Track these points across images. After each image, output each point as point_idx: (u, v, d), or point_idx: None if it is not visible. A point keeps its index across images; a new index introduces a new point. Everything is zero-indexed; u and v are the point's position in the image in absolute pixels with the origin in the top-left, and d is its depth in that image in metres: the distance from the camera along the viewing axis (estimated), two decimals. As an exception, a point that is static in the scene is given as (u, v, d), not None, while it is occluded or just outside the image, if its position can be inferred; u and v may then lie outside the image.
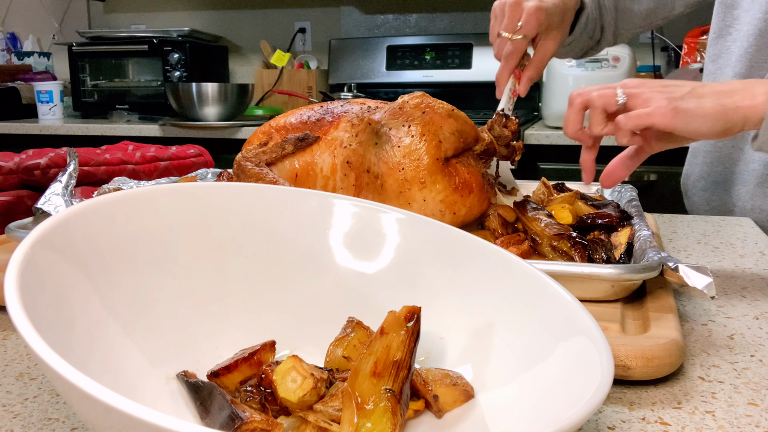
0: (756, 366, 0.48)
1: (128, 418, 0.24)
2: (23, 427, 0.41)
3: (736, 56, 0.99)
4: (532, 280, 0.42)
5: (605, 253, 0.60)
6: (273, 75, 2.69)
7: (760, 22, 0.95)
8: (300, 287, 0.47)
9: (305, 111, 0.72)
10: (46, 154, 0.87)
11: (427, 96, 0.70)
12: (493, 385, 0.39)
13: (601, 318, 0.52)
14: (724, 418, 0.41)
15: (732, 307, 0.60)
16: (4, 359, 0.50)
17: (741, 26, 0.99)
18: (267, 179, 0.67)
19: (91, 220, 0.39)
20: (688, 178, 1.14)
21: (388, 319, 0.37)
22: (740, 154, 1.03)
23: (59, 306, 0.34)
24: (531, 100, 2.52)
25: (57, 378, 0.25)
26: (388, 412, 0.34)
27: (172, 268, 0.42)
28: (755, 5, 0.97)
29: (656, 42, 2.48)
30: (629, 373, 0.45)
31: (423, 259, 0.47)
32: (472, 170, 0.68)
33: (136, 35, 2.68)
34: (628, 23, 1.05)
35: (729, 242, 0.83)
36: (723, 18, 1.01)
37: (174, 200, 0.44)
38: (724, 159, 1.05)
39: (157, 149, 1.02)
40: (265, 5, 2.93)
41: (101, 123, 2.52)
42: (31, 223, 0.68)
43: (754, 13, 0.96)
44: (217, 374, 0.39)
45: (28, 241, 0.33)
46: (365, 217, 0.49)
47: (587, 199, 0.73)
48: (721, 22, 1.01)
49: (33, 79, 2.84)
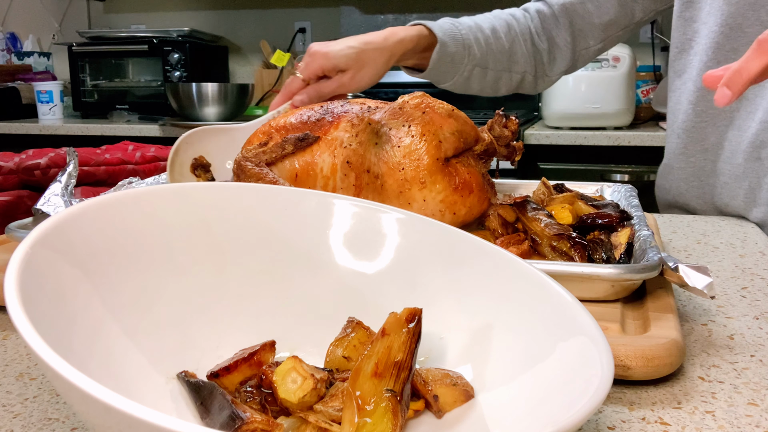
0: (756, 366, 0.48)
1: (128, 418, 0.24)
2: (23, 427, 0.41)
3: (697, 70, 0.98)
4: (532, 280, 0.42)
5: (605, 253, 0.60)
6: (273, 75, 2.69)
7: (717, 36, 0.94)
8: (300, 287, 0.47)
9: (305, 111, 0.72)
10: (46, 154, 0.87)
11: (427, 96, 0.70)
12: (493, 385, 0.39)
13: (601, 318, 0.52)
14: (724, 418, 0.41)
15: (732, 307, 0.60)
16: (4, 359, 0.50)
17: (700, 39, 0.98)
18: (267, 179, 0.67)
19: (91, 220, 0.39)
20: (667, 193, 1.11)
21: (389, 320, 0.37)
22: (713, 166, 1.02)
23: (59, 306, 0.34)
24: (531, 100, 2.52)
25: (57, 378, 0.25)
26: (389, 413, 0.34)
27: (172, 268, 0.42)
28: (711, 18, 0.96)
29: (656, 42, 2.48)
30: (629, 373, 0.45)
31: (423, 259, 0.47)
32: (472, 170, 0.68)
33: (136, 35, 2.68)
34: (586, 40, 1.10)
35: (729, 242, 0.83)
36: (683, 32, 1.00)
37: (174, 200, 0.44)
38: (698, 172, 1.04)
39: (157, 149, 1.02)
40: (265, 5, 2.93)
41: (101, 123, 2.52)
42: (31, 223, 0.68)
43: (710, 26, 0.95)
44: (216, 375, 0.39)
45: (28, 241, 0.33)
46: (365, 217, 0.49)
47: (587, 199, 0.73)
48: (682, 36, 1.00)
49: (33, 79, 2.84)
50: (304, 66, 0.90)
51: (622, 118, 2.12)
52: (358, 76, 0.90)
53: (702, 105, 0.99)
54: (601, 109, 2.10)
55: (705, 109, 0.99)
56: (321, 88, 0.90)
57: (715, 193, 1.02)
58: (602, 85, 2.09)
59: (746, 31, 0.92)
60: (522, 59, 1.09)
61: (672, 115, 1.06)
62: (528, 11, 1.11)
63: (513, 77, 1.10)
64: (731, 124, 0.98)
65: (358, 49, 0.90)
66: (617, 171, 2.05)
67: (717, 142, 1.00)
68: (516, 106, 2.49)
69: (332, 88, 0.90)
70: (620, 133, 2.06)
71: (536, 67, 1.11)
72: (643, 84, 2.32)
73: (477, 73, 1.06)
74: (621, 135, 2.04)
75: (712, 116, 0.99)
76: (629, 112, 2.13)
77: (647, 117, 2.33)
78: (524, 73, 1.11)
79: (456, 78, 1.05)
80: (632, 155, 2.04)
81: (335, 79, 0.90)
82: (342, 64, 0.89)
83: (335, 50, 0.89)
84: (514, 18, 1.10)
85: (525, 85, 1.13)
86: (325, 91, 0.89)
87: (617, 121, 2.12)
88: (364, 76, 0.91)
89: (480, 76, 1.07)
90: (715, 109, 0.98)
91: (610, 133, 2.06)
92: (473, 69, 1.05)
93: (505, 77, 1.10)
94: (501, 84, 1.11)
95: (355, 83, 0.91)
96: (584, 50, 1.11)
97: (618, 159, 2.06)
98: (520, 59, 1.09)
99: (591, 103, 2.10)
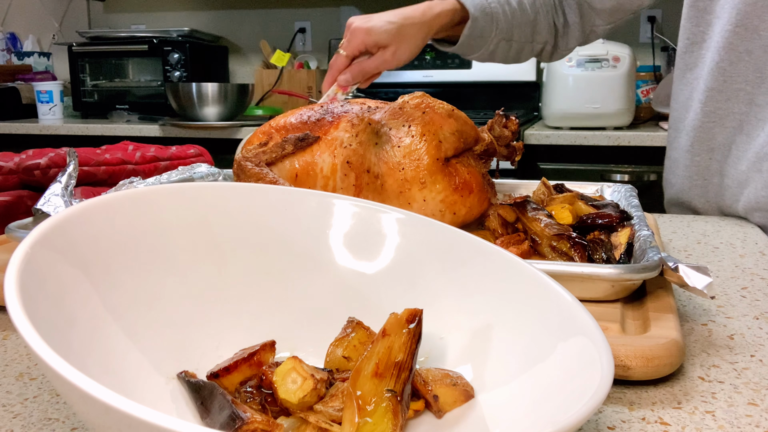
0: (756, 366, 0.48)
1: (128, 418, 0.24)
2: (23, 427, 0.41)
3: (708, 69, 0.97)
4: (532, 280, 0.42)
5: (605, 253, 0.60)
6: (273, 75, 2.69)
7: (731, 35, 0.93)
8: (300, 287, 0.47)
9: (305, 111, 0.72)
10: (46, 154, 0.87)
11: (427, 96, 0.70)
12: (493, 385, 0.39)
13: (601, 318, 0.52)
14: (724, 418, 0.41)
15: (732, 307, 0.60)
16: (4, 359, 0.50)
17: (713, 35, 0.96)
18: (267, 179, 0.67)
19: (91, 220, 0.39)
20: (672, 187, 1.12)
21: (389, 321, 0.37)
22: (719, 167, 1.01)
23: (59, 306, 0.34)
24: (531, 100, 2.52)
25: (57, 378, 0.25)
26: (389, 413, 0.34)
27: (172, 268, 0.42)
28: (725, 12, 0.94)
29: (656, 42, 2.48)
30: (629, 373, 0.45)
31: (423, 259, 0.46)
32: (472, 170, 0.68)
33: (136, 35, 2.68)
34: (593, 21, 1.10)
35: (729, 242, 0.83)
36: (696, 23, 0.99)
37: (174, 200, 0.44)
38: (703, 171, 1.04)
39: (157, 149, 1.02)
40: (265, 5, 2.93)
41: (101, 123, 2.52)
42: (31, 223, 0.68)
43: (724, 22, 0.94)
44: (216, 375, 0.39)
45: (28, 241, 0.33)
46: (365, 217, 0.49)
47: (587, 199, 0.73)
48: (695, 27, 0.99)
49: (33, 79, 2.84)
50: (346, 43, 0.90)
51: (622, 118, 2.12)
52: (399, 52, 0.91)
53: (711, 105, 0.98)
54: (601, 109, 2.10)
55: (713, 110, 0.98)
56: (364, 66, 0.90)
57: (719, 193, 1.02)
58: (602, 85, 2.09)
59: (762, 33, 0.91)
60: (544, 30, 1.10)
61: (679, 112, 1.05)
62: None
63: (535, 47, 1.11)
64: (740, 129, 0.97)
65: (398, 24, 0.90)
66: (617, 171, 2.05)
67: (725, 143, 0.99)
68: (516, 106, 2.49)
69: (375, 64, 0.90)
70: (620, 133, 2.06)
71: (555, 39, 1.12)
72: (643, 84, 2.32)
73: (502, 46, 1.07)
74: (621, 135, 2.04)
75: (720, 117, 0.98)
76: (629, 112, 2.13)
77: (647, 117, 2.33)
78: (545, 44, 1.11)
79: (482, 51, 1.06)
80: (632, 155, 2.04)
81: (377, 56, 0.90)
82: (383, 40, 0.89)
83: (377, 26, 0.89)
84: None
85: (543, 54, 1.14)
86: (368, 69, 0.90)
87: (617, 121, 2.12)
88: (405, 52, 0.92)
89: (505, 49, 1.07)
90: (723, 110, 0.97)
91: (610, 133, 2.06)
92: (499, 42, 1.05)
93: (527, 48, 1.10)
94: (523, 54, 1.11)
95: (395, 59, 0.91)
96: (593, 28, 1.11)
97: (618, 159, 2.06)
98: (543, 30, 1.09)
99: (591, 103, 2.10)
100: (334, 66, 0.90)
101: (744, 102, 0.95)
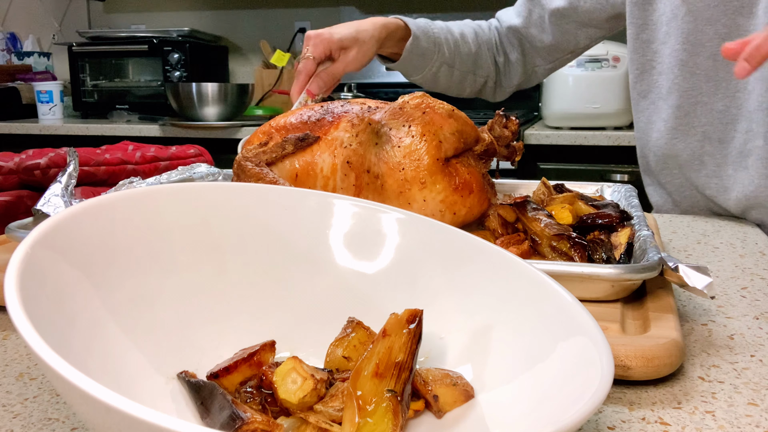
0: (756, 366, 0.48)
1: (128, 418, 0.24)
2: (23, 427, 0.41)
3: (666, 89, 1.00)
4: (532, 280, 0.42)
5: (605, 253, 0.60)
6: (273, 75, 2.69)
7: (681, 53, 0.97)
8: (300, 287, 0.47)
9: (305, 111, 0.72)
10: (46, 154, 0.87)
11: (427, 96, 0.70)
12: (493, 385, 0.39)
13: (601, 318, 0.52)
14: (724, 418, 0.41)
15: (732, 307, 0.60)
16: (4, 359, 0.50)
17: (663, 59, 1.00)
18: (267, 179, 0.67)
19: (91, 220, 0.39)
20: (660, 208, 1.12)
21: (390, 321, 0.37)
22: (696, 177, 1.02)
23: (59, 306, 0.34)
24: (531, 100, 2.52)
25: (57, 378, 0.25)
26: (389, 413, 0.34)
27: (172, 268, 0.42)
28: (670, 38, 0.98)
29: (656, 42, 2.48)
30: (629, 373, 0.45)
31: (423, 259, 0.46)
32: (472, 170, 0.68)
33: (136, 35, 2.68)
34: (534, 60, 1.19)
35: (729, 242, 0.83)
36: (643, 54, 1.02)
37: (174, 200, 0.44)
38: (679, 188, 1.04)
39: (157, 149, 1.02)
40: (265, 5, 2.93)
41: (101, 123, 2.52)
42: (31, 223, 0.68)
43: (672, 45, 0.97)
44: (216, 375, 0.39)
45: (28, 241, 0.33)
46: (365, 217, 0.49)
47: (587, 200, 0.73)
48: (642, 58, 1.02)
49: (33, 79, 2.84)
50: (312, 48, 0.94)
51: (622, 118, 2.12)
52: (359, 54, 0.97)
53: (673, 122, 1.00)
54: (601, 109, 2.10)
55: (675, 126, 1.00)
56: (331, 70, 0.95)
57: (706, 204, 1.02)
58: (602, 85, 2.09)
59: (706, 45, 0.95)
60: (485, 65, 1.17)
61: (642, 139, 1.07)
62: (490, 26, 1.20)
63: (477, 80, 1.19)
64: (708, 139, 0.98)
65: (354, 28, 0.97)
66: (617, 171, 2.05)
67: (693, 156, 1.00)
68: (516, 106, 2.49)
69: (341, 67, 0.95)
70: (620, 133, 2.06)
71: (496, 76, 1.20)
72: (643, 84, 2.31)
73: (444, 71, 1.13)
74: (621, 135, 2.04)
75: (683, 133, 1.00)
76: (629, 112, 2.12)
77: (647, 117, 2.33)
78: (487, 78, 1.19)
79: (425, 72, 1.12)
80: (632, 155, 2.03)
81: (341, 60, 0.96)
82: (346, 41, 0.95)
83: (338, 30, 0.95)
84: (480, 28, 1.19)
85: (486, 90, 1.22)
86: (336, 72, 0.95)
87: (617, 121, 2.12)
88: (364, 55, 0.98)
89: (447, 74, 1.13)
90: (685, 125, 0.99)
91: (610, 133, 2.06)
92: (441, 66, 1.12)
93: (469, 79, 1.18)
94: (466, 85, 1.19)
95: (356, 61, 0.97)
96: (534, 68, 1.20)
97: (618, 159, 2.06)
98: (484, 64, 1.17)
99: (591, 103, 2.10)
100: (304, 71, 0.93)
101: (704, 113, 0.98)
